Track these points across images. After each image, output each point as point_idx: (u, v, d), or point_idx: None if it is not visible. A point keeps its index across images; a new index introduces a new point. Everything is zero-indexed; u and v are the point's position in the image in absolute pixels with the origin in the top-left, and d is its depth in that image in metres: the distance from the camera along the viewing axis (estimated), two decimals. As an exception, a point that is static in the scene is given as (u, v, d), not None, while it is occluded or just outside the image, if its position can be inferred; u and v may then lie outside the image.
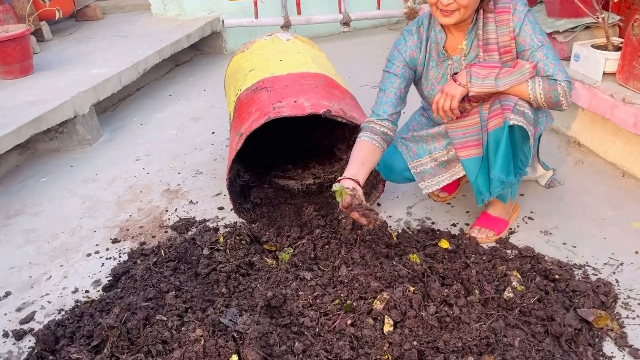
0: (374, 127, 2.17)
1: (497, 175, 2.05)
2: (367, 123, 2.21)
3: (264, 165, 3.09)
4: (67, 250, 2.65)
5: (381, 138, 2.16)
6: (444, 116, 2.12)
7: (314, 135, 3.32)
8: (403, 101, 2.24)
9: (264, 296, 2.03)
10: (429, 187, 2.31)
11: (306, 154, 3.20)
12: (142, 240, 2.65)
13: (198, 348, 1.76)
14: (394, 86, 2.18)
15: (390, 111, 2.17)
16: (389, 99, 2.18)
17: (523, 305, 1.89)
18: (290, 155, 3.19)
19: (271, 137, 3.08)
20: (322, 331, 1.90)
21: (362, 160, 2.10)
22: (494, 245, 2.36)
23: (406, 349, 1.76)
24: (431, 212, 2.66)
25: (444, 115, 2.12)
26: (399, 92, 2.19)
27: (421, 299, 1.94)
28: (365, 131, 2.18)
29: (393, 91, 2.18)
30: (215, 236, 2.52)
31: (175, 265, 2.28)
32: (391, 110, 2.18)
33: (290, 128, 2.95)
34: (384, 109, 2.17)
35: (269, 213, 2.67)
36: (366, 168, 2.09)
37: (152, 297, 2.05)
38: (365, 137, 2.15)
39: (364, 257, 2.21)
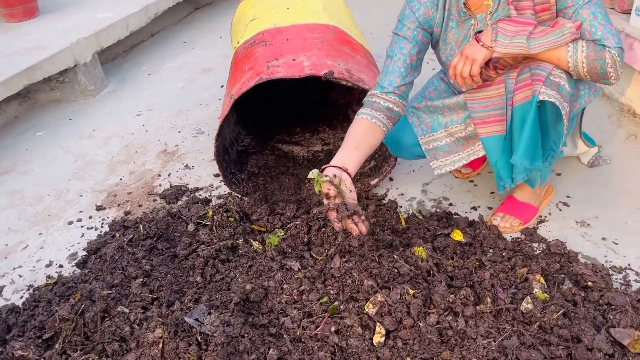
0: (377, 103, 1.82)
1: (520, 160, 1.68)
2: (369, 97, 1.85)
3: (268, 128, 2.78)
4: (49, 216, 2.46)
5: (385, 115, 1.81)
6: (462, 84, 1.75)
7: (330, 92, 2.97)
8: (415, 70, 1.86)
9: (242, 290, 1.77)
10: (442, 167, 1.96)
11: (317, 115, 2.87)
12: (127, 209, 2.43)
13: (155, 352, 1.54)
14: (403, 52, 1.80)
15: (397, 82, 1.81)
16: (396, 67, 1.81)
17: (544, 320, 1.57)
18: (299, 116, 2.87)
19: (280, 94, 2.76)
20: (303, 336, 1.63)
21: (355, 143, 1.75)
22: (518, 236, 2.02)
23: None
24: (450, 192, 2.32)
25: (463, 82, 1.74)
26: (410, 59, 1.81)
27: (421, 304, 1.64)
28: (365, 107, 1.83)
29: (402, 58, 1.80)
30: (203, 210, 2.26)
31: (152, 243, 2.05)
32: (399, 81, 1.81)
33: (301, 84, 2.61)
34: (390, 80, 1.81)
35: (266, 185, 2.38)
36: (360, 153, 1.75)
37: (117, 283, 1.83)
38: (364, 114, 1.80)
39: (363, 246, 1.90)
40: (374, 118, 1.79)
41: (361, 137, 1.77)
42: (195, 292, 1.76)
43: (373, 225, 2.10)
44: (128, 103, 3.45)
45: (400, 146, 2.02)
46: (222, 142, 2.34)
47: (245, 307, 1.75)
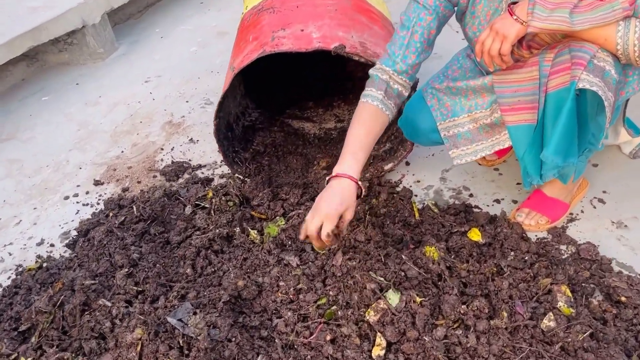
0: (389, 85, 1.60)
1: (551, 156, 1.46)
2: (378, 72, 1.61)
3: (279, 101, 2.59)
4: (45, 189, 2.35)
5: (394, 103, 1.61)
6: (490, 63, 1.51)
7: (349, 63, 2.74)
8: (430, 46, 1.63)
9: (233, 286, 1.63)
10: (463, 156, 1.75)
11: (332, 88, 2.66)
12: (125, 185, 2.30)
13: (133, 355, 1.41)
14: (422, 24, 1.57)
15: (412, 60, 1.59)
16: (412, 42, 1.58)
17: (567, 341, 1.38)
18: (312, 89, 2.66)
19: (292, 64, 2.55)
20: (296, 342, 1.49)
21: (360, 142, 1.55)
22: (545, 236, 1.81)
23: (393, 391, 1.32)
24: (471, 180, 2.11)
25: (490, 62, 1.51)
26: (428, 33, 1.58)
27: (429, 314, 1.47)
28: (375, 89, 1.60)
29: (420, 31, 1.57)
30: (203, 190, 2.11)
31: (144, 227, 1.91)
32: (413, 58, 1.59)
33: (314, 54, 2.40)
34: (405, 55, 1.58)
35: (271, 166, 2.21)
36: (365, 153, 1.56)
37: (102, 272, 1.70)
38: (374, 99, 1.59)
39: (370, 241, 1.73)
40: (384, 105, 1.58)
41: (369, 131, 1.56)
42: (183, 286, 1.62)
43: (383, 217, 1.91)
44: (138, 68, 3.29)
45: (417, 131, 1.81)
46: (225, 118, 2.17)
47: (236, 305, 1.61)
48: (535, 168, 1.57)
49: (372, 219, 1.88)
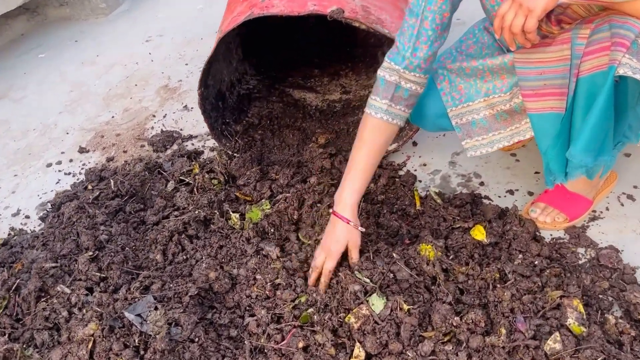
0: (398, 88, 1.38)
1: (579, 156, 1.24)
2: (386, 73, 1.38)
3: (281, 68, 2.38)
4: (29, 155, 2.22)
5: (406, 105, 1.41)
6: (511, 41, 1.26)
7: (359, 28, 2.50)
8: (445, 30, 1.37)
9: (204, 277, 1.47)
10: (477, 147, 1.52)
11: (342, 56, 2.43)
12: (111, 154, 2.15)
13: (83, 353, 1.28)
14: (432, 9, 1.30)
15: (424, 52, 1.34)
16: (423, 31, 1.32)
17: (573, 367, 1.19)
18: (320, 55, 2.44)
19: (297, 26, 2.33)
20: (266, 346, 1.33)
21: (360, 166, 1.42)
22: (561, 237, 1.60)
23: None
24: (484, 166, 1.89)
25: (512, 40, 1.25)
26: (441, 17, 1.32)
27: (416, 325, 1.29)
28: (378, 95, 1.39)
29: (431, 17, 1.31)
30: (189, 165, 1.94)
31: (119, 204, 1.76)
32: (426, 49, 1.34)
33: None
34: (415, 48, 1.34)
35: (264, 141, 2.03)
36: (366, 175, 1.44)
37: (65, 253, 1.57)
38: (377, 110, 1.40)
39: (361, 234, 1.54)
40: (390, 116, 1.40)
41: (371, 149, 1.42)
42: (149, 275, 1.47)
43: (380, 205, 1.72)
44: (140, 25, 3.10)
45: (423, 116, 1.59)
46: (217, 86, 1.98)
47: (206, 299, 1.46)
48: (559, 165, 1.35)
49: (367, 207, 1.69)
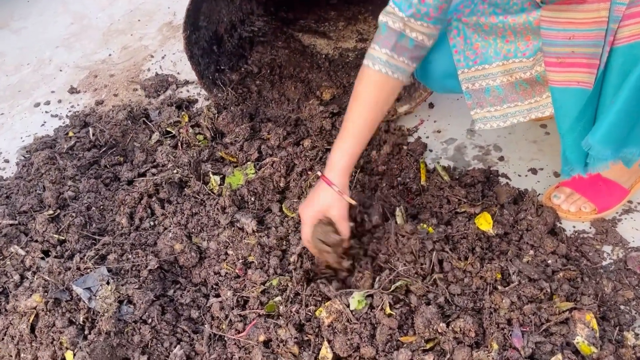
0: (402, 37, 1.11)
1: (597, 146, 1.00)
2: (389, 19, 1.11)
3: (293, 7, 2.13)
4: (19, 92, 2.09)
5: (410, 57, 1.14)
6: None
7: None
8: None
9: (169, 248, 1.33)
10: (489, 120, 1.28)
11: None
12: (101, 96, 1.99)
13: (24, 327, 1.17)
14: None
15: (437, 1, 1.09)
16: None
17: (574, 397, 1.00)
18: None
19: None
20: (225, 334, 1.19)
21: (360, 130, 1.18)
22: (585, 230, 1.37)
23: None
24: (507, 138, 1.64)
25: None
26: None
27: (395, 328, 1.12)
28: (378, 44, 1.13)
29: None
30: (179, 115, 1.77)
31: (94, 157, 1.62)
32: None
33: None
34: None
35: (261, 92, 1.82)
36: (361, 139, 1.19)
37: (26, 209, 1.44)
38: (375, 60, 1.14)
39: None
40: (390, 68, 1.14)
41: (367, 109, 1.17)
42: (109, 242, 1.33)
43: (380, 177, 1.52)
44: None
45: (428, 73, 1.34)
46: (212, 28, 1.77)
47: (170, 272, 1.32)
48: (578, 154, 1.11)
49: (364, 179, 1.49)
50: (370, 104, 1.18)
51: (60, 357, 1.14)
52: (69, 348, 1.13)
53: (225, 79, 1.78)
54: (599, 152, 1.01)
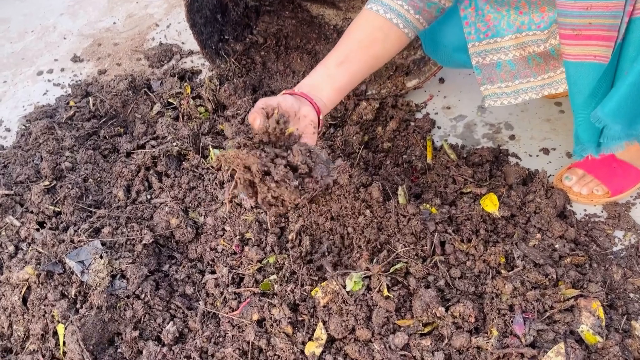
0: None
1: (606, 120, 0.94)
2: None
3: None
4: (22, 59, 2.06)
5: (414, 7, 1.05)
6: None
7: None
8: None
9: (165, 223, 1.30)
10: (499, 96, 1.22)
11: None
12: (104, 66, 1.95)
13: (16, 299, 1.15)
14: None
15: None
16: None
17: (576, 388, 0.97)
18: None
19: None
20: (219, 312, 1.17)
21: (344, 54, 1.05)
22: (597, 214, 1.31)
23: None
24: (519, 115, 1.57)
25: None
26: None
27: (392, 311, 1.08)
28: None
29: None
30: (181, 86, 1.72)
31: (93, 127, 1.59)
32: None
33: None
34: None
35: (265, 64, 1.76)
36: (349, 72, 1.05)
37: (22, 180, 1.42)
38: (377, 3, 1.05)
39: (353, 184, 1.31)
40: (393, 13, 1.04)
41: (359, 43, 1.06)
42: (104, 215, 1.31)
43: (385, 154, 1.47)
44: None
45: (437, 45, 1.28)
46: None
47: (165, 247, 1.29)
48: (591, 133, 1.05)
49: (368, 155, 1.44)
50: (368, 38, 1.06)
51: (52, 330, 1.12)
52: (60, 321, 1.12)
53: (228, 50, 1.73)
54: (608, 126, 0.95)
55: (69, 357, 1.07)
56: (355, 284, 1.12)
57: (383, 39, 1.07)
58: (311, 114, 0.99)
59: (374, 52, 1.07)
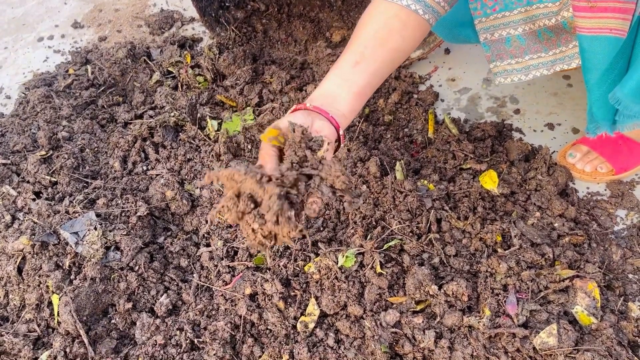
0: None
1: (626, 101, 0.90)
2: None
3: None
4: (23, 25, 2.03)
5: None
6: None
7: None
8: None
9: (160, 195, 1.29)
10: (509, 73, 1.17)
11: None
12: (105, 32, 1.92)
13: (11, 269, 1.16)
14: None
15: None
16: None
17: (567, 369, 0.96)
18: None
19: None
20: (213, 284, 1.17)
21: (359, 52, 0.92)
22: (599, 192, 1.28)
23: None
24: (525, 89, 1.53)
25: None
26: None
27: (385, 288, 1.08)
28: None
29: None
30: (182, 54, 1.69)
31: (91, 96, 1.57)
32: None
33: None
34: None
35: (267, 32, 1.72)
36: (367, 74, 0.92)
37: (19, 149, 1.41)
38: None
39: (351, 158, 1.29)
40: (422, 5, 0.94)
41: (374, 37, 0.93)
42: (99, 187, 1.30)
43: (386, 127, 1.44)
44: None
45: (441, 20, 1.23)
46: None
47: (161, 219, 1.29)
48: (606, 110, 1.01)
49: (368, 129, 1.42)
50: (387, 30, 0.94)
51: (47, 300, 1.13)
52: (55, 292, 1.12)
53: (229, 17, 1.69)
54: (627, 107, 0.91)
55: (63, 328, 1.08)
56: (347, 259, 1.11)
57: (401, 28, 0.94)
58: (326, 129, 0.86)
59: (393, 45, 0.94)
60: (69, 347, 1.06)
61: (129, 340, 1.11)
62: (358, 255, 1.11)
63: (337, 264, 1.10)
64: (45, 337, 1.11)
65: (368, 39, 0.94)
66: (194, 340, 1.07)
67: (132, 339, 1.10)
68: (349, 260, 1.11)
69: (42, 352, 1.07)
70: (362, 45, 0.93)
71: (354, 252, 1.11)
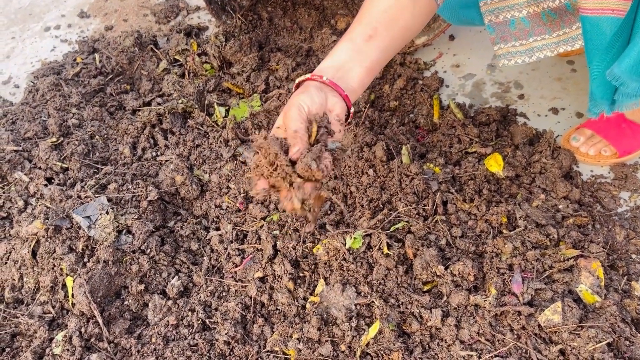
0: None
1: (623, 77, 0.92)
2: None
3: None
4: (30, 15, 2.05)
5: None
6: None
7: None
8: None
9: (170, 180, 1.31)
10: (512, 56, 1.18)
11: None
12: (111, 22, 1.94)
13: (25, 252, 1.18)
14: None
15: None
16: None
17: (571, 346, 0.97)
18: None
19: None
20: (223, 267, 1.19)
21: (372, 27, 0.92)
22: (603, 175, 1.30)
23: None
24: (529, 75, 1.54)
25: None
26: None
27: (393, 266, 1.10)
28: None
29: None
30: (188, 42, 1.71)
31: (99, 84, 1.59)
32: None
33: None
34: None
35: (273, 20, 1.73)
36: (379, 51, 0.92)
37: (30, 136, 1.43)
38: None
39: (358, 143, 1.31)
40: None
41: (385, 13, 0.92)
42: (110, 172, 1.32)
43: (391, 113, 1.46)
44: None
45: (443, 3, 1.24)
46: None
47: (171, 204, 1.31)
48: (605, 89, 1.02)
49: (374, 114, 1.43)
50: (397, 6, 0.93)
51: (61, 282, 1.16)
52: (69, 274, 1.15)
53: (235, 5, 1.70)
54: (625, 84, 0.92)
55: (78, 309, 1.11)
56: (355, 241, 1.13)
57: (412, 5, 0.93)
58: (338, 106, 0.87)
59: (404, 23, 0.94)
60: (83, 327, 1.08)
61: (142, 321, 1.13)
62: (365, 237, 1.13)
63: (345, 246, 1.12)
64: (60, 319, 1.13)
65: (380, 13, 0.93)
66: (205, 320, 1.10)
67: (144, 320, 1.13)
68: (356, 242, 1.13)
69: (58, 333, 1.09)
70: (375, 20, 0.93)
71: (361, 234, 1.13)
